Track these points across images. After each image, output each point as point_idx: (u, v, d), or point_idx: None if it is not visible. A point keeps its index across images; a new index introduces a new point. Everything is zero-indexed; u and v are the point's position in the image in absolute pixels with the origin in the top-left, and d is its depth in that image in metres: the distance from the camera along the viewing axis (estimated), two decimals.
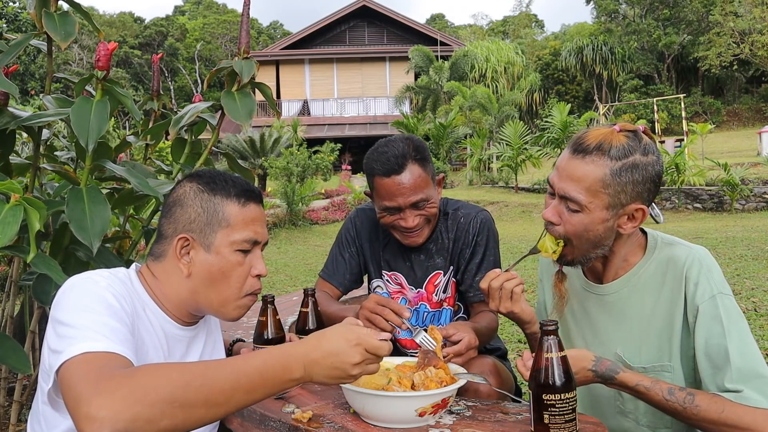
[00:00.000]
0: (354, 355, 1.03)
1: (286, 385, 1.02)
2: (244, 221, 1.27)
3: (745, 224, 9.69)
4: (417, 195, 1.70)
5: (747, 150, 18.52)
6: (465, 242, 1.86)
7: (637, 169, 1.27)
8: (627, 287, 1.41)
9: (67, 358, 0.97)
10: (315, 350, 1.03)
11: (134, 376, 0.91)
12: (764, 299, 4.58)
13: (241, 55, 1.81)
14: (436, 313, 1.90)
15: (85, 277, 1.15)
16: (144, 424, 0.87)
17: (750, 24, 26.80)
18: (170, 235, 1.27)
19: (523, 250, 8.02)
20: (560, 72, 33.78)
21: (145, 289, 1.26)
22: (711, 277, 1.31)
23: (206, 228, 1.25)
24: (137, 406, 0.87)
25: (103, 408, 0.86)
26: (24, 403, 1.87)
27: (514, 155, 16.38)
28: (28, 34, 1.69)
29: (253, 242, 1.28)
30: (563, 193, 1.31)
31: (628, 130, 1.31)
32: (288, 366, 1.01)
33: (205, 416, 0.94)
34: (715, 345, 1.27)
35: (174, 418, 0.90)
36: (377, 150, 1.75)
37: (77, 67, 35.20)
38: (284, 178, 14.12)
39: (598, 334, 1.46)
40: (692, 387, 1.35)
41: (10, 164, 1.82)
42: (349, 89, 30.47)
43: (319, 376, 1.04)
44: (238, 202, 1.27)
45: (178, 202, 1.28)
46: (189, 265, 1.24)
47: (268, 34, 54.29)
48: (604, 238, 1.33)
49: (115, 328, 1.05)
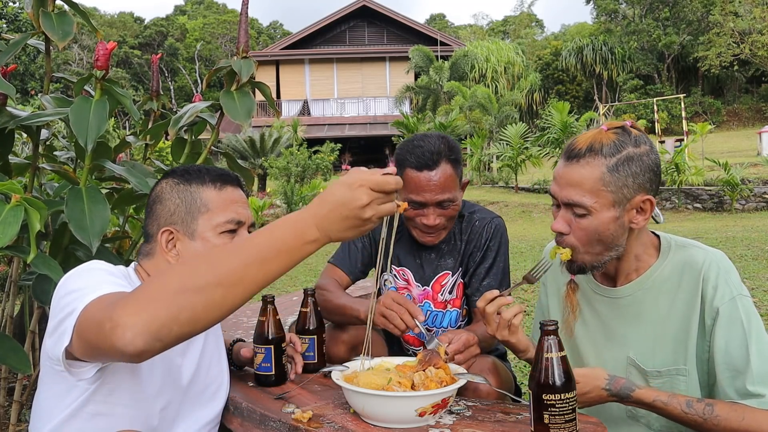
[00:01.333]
0: (360, 197, 0.95)
1: (303, 250, 0.94)
2: (223, 203, 1.29)
3: (745, 224, 9.69)
4: (444, 194, 1.72)
5: (747, 150, 18.52)
6: (477, 245, 1.87)
7: (632, 162, 1.27)
8: (641, 290, 1.39)
9: (81, 309, 0.98)
10: (320, 206, 0.95)
11: (145, 285, 0.92)
12: (764, 299, 4.58)
13: (239, 54, 1.81)
14: (438, 313, 1.90)
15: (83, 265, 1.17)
16: (166, 321, 0.86)
17: (750, 24, 26.81)
18: (155, 232, 1.30)
19: (523, 250, 8.01)
20: (560, 72, 33.77)
21: None
22: (729, 279, 1.31)
23: (187, 217, 1.27)
24: (154, 304, 0.86)
25: (123, 316, 0.86)
26: (24, 403, 1.87)
27: (515, 155, 16.38)
28: (26, 33, 1.69)
29: (236, 222, 1.29)
30: (567, 200, 1.30)
31: (615, 127, 1.32)
32: (299, 230, 0.94)
33: (224, 298, 0.89)
34: (735, 347, 1.26)
35: (193, 305, 0.87)
36: (412, 143, 1.75)
37: (77, 67, 35.19)
38: (284, 178, 14.13)
39: (611, 338, 1.44)
40: (706, 392, 1.35)
41: (10, 164, 1.82)
42: (349, 89, 30.45)
43: (335, 231, 0.95)
44: (214, 187, 1.30)
45: (156, 199, 1.32)
46: (177, 258, 1.27)
47: (268, 34, 54.29)
48: (617, 237, 1.31)
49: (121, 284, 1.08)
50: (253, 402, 1.41)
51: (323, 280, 1.89)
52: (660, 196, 13.18)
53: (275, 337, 1.51)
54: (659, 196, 13.01)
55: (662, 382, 1.36)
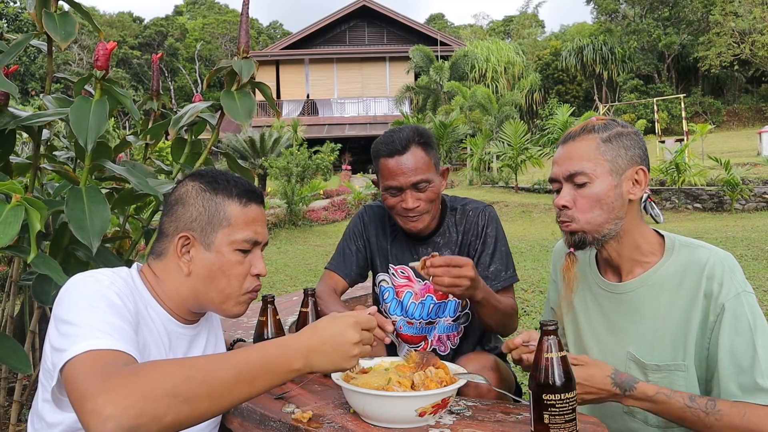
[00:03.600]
0: (354, 335, 1.07)
1: (287, 375, 1.03)
2: (245, 221, 1.28)
3: (745, 224, 9.69)
4: (417, 176, 1.76)
5: (747, 150, 18.51)
6: (475, 233, 1.90)
7: (623, 137, 1.39)
8: (644, 286, 1.41)
9: (71, 356, 0.97)
10: (313, 337, 1.06)
11: (138, 372, 0.92)
12: (764, 299, 4.58)
13: (240, 54, 1.81)
14: (441, 304, 1.92)
15: (87, 275, 1.16)
16: (149, 420, 0.88)
17: (750, 24, 26.79)
18: (171, 233, 1.27)
19: (523, 250, 8.01)
20: (560, 72, 33.76)
21: (147, 288, 1.26)
22: (734, 276, 1.32)
23: (207, 227, 1.26)
24: (142, 402, 0.88)
25: (108, 404, 0.86)
26: (24, 403, 1.87)
27: (515, 155, 16.38)
28: (28, 34, 1.69)
29: (253, 242, 1.29)
30: (568, 172, 1.39)
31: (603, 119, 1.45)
32: (288, 356, 1.03)
33: (209, 409, 0.95)
34: (741, 343, 1.27)
35: (179, 412, 0.91)
36: (384, 135, 1.83)
37: (77, 67, 35.18)
38: (284, 178, 14.12)
39: (613, 332, 1.47)
40: (704, 389, 1.36)
41: (10, 164, 1.82)
42: (349, 89, 30.45)
43: (320, 363, 1.06)
44: (240, 202, 1.28)
45: (180, 200, 1.29)
46: (189, 264, 1.25)
47: (268, 34, 54.28)
48: (617, 208, 1.37)
49: (119, 326, 1.05)
50: (252, 402, 1.41)
51: (318, 287, 1.90)
52: (660, 196, 13.17)
53: (275, 337, 1.51)
54: (659, 196, 13.07)
55: (661, 377, 1.38)
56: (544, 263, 6.85)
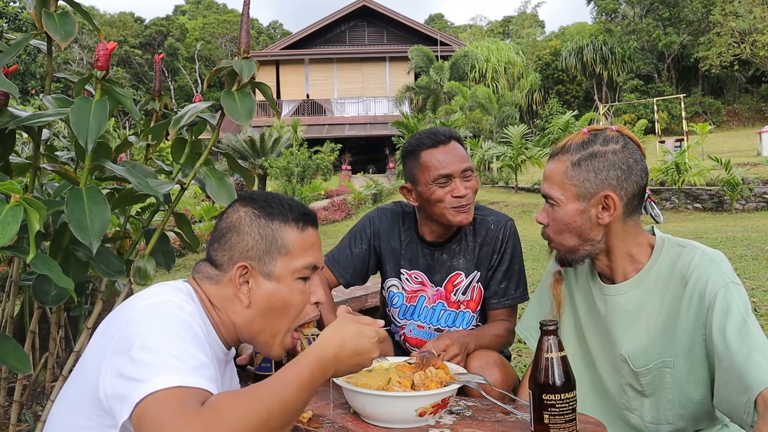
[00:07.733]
0: (375, 350, 1.12)
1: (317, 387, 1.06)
2: (303, 247, 1.21)
3: (745, 224, 9.68)
4: (465, 163, 1.80)
5: (747, 150, 18.51)
6: (494, 249, 1.89)
7: (595, 158, 1.36)
8: (635, 288, 1.41)
9: (154, 390, 0.92)
10: (342, 351, 1.08)
11: (219, 412, 0.89)
12: (764, 299, 4.57)
13: (241, 54, 1.81)
14: (452, 313, 1.91)
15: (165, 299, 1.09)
16: None
17: (750, 24, 26.79)
18: (226, 262, 1.21)
19: (523, 250, 7.99)
20: (560, 72, 33.74)
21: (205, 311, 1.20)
22: (722, 269, 1.33)
23: (265, 256, 1.19)
24: None
25: None
26: (24, 403, 1.87)
27: (515, 155, 16.38)
28: (28, 33, 1.68)
29: (312, 268, 1.23)
30: (543, 193, 1.44)
31: (595, 130, 1.42)
32: (325, 370, 1.06)
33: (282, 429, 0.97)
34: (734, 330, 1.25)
35: None
36: (420, 132, 1.87)
37: (77, 67, 35.18)
38: (284, 178, 14.13)
39: (609, 335, 1.47)
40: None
41: (10, 164, 1.82)
42: (349, 89, 30.45)
43: (340, 371, 1.10)
44: (297, 227, 1.22)
45: (233, 228, 1.22)
46: (249, 294, 1.19)
47: (268, 34, 54.29)
48: (587, 231, 1.38)
49: (204, 363, 1.00)
50: None
51: None
52: (660, 196, 13.17)
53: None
54: (659, 196, 13.07)
55: (651, 378, 1.39)
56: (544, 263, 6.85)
